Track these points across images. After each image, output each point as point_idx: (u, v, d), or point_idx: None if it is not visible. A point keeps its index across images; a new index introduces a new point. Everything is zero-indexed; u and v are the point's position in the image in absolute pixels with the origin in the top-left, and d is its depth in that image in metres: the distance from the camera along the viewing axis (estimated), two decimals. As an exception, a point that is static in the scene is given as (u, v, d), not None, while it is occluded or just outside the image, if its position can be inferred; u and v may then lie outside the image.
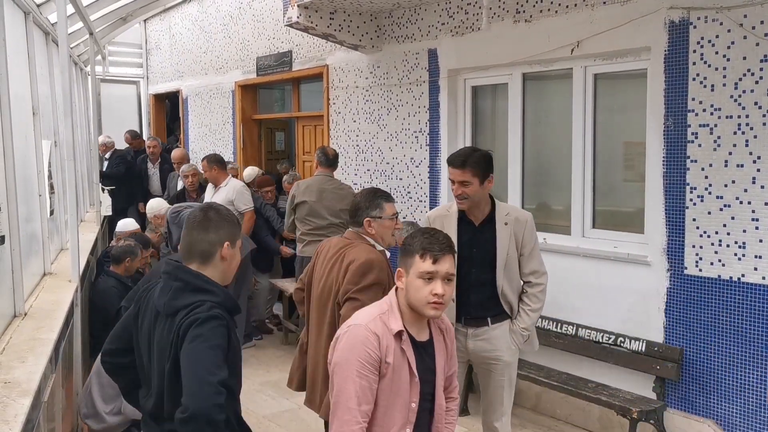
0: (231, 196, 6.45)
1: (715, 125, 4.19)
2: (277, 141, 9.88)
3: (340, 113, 7.34)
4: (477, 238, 3.60)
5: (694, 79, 4.27)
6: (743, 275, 4.11)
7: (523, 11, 5.28)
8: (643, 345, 4.54)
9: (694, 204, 4.32)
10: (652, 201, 4.55)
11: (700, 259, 4.30)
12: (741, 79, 4.06)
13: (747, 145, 4.05)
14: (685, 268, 4.38)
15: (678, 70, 4.35)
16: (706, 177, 4.25)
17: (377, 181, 6.79)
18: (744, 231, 4.09)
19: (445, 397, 2.62)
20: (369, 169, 6.95)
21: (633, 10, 4.54)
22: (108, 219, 8.39)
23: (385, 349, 2.36)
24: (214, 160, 6.61)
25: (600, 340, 4.78)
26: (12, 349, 3.04)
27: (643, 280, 4.59)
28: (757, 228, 4.04)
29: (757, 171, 4.02)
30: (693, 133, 4.30)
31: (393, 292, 2.51)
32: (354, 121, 7.13)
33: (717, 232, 4.22)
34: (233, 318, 2.38)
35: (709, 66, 4.20)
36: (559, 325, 5.06)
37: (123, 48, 11.90)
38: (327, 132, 7.56)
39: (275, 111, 9.66)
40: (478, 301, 3.59)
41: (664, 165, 4.45)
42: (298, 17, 6.12)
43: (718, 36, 4.15)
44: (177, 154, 8.48)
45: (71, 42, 6.77)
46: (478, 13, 5.62)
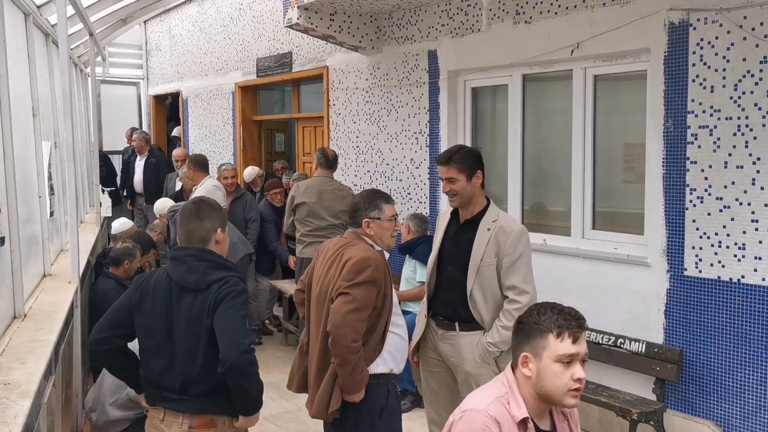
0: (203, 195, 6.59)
1: (715, 126, 4.19)
2: (277, 142, 9.89)
3: (340, 114, 7.35)
4: (459, 236, 3.61)
5: (694, 80, 4.28)
6: (743, 276, 4.11)
7: (523, 12, 5.29)
8: (643, 346, 4.54)
9: (694, 205, 4.32)
10: (652, 202, 4.55)
11: (700, 260, 4.30)
12: (741, 80, 4.06)
13: (747, 147, 4.05)
14: (685, 270, 4.38)
15: (678, 71, 4.35)
16: (706, 178, 4.25)
17: (377, 183, 6.79)
18: (744, 232, 4.09)
19: None
20: (369, 171, 6.96)
21: (633, 12, 4.54)
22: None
23: None
24: (191, 160, 6.86)
25: (600, 342, 4.78)
26: (12, 351, 3.04)
27: (643, 282, 4.58)
28: (756, 229, 4.04)
29: (757, 172, 4.02)
30: (693, 135, 4.30)
31: (510, 373, 2.16)
32: (354, 123, 7.13)
33: (717, 234, 4.22)
34: None
35: (709, 67, 4.20)
36: (558, 326, 5.05)
37: (123, 49, 11.91)
38: (327, 133, 7.57)
39: (275, 112, 9.66)
40: (447, 299, 3.59)
41: (663, 166, 4.45)
42: (298, 18, 6.13)
43: (717, 37, 4.15)
44: (178, 152, 8.50)
45: (71, 43, 6.78)
46: (477, 15, 5.62)
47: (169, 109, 12.33)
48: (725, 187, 4.16)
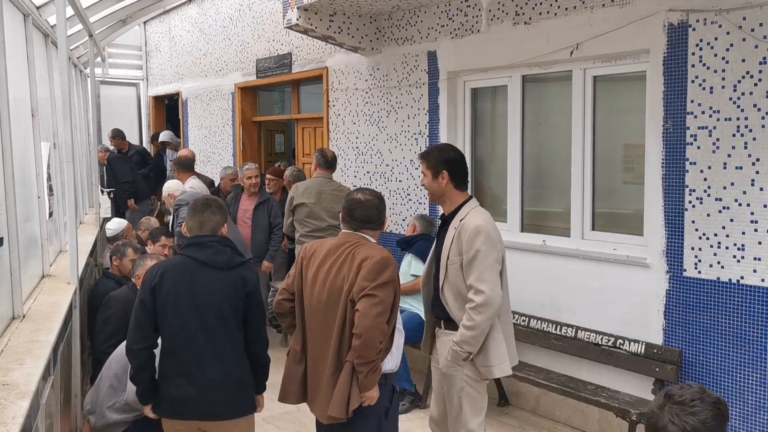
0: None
1: (714, 127, 4.19)
2: (277, 143, 9.89)
3: (339, 115, 7.35)
4: (439, 235, 3.75)
5: (693, 81, 4.28)
6: (742, 277, 4.11)
7: (523, 13, 5.29)
8: (643, 347, 4.54)
9: (693, 206, 4.31)
10: (652, 203, 4.55)
11: (699, 261, 4.30)
12: (740, 81, 4.07)
13: (746, 148, 4.05)
14: (684, 270, 4.37)
15: (677, 72, 4.36)
16: (705, 179, 4.25)
17: (377, 183, 6.79)
18: (743, 233, 4.09)
19: None
20: (369, 171, 6.96)
21: (632, 13, 4.55)
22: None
23: None
24: (175, 163, 7.19)
25: (599, 342, 4.78)
26: (10, 351, 3.04)
27: (643, 282, 4.58)
28: (756, 230, 4.04)
29: (756, 173, 4.02)
30: (692, 136, 4.30)
31: None
32: (353, 123, 7.13)
33: (716, 234, 4.22)
34: None
35: (708, 68, 4.20)
36: (558, 327, 5.06)
37: (123, 50, 11.91)
38: (327, 134, 7.57)
39: (275, 113, 9.66)
40: (437, 298, 3.65)
41: (663, 167, 4.45)
42: (298, 19, 6.13)
43: (717, 38, 4.15)
44: (185, 154, 8.48)
45: (71, 44, 6.78)
46: (477, 16, 5.62)
47: (166, 111, 12.34)
48: (724, 188, 4.16)
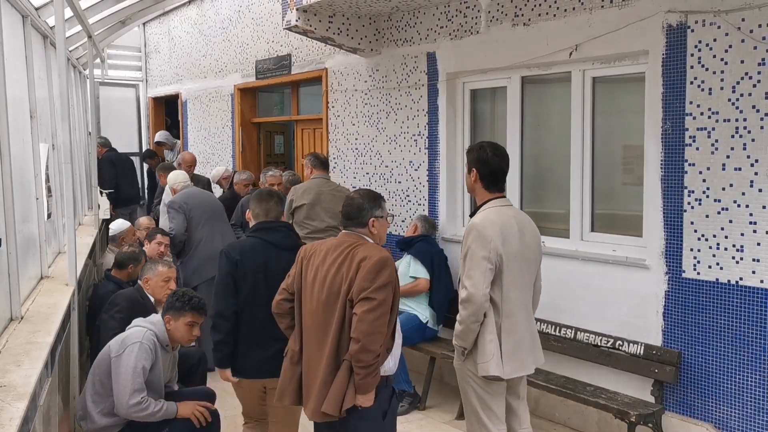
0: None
1: (713, 129, 4.19)
2: (277, 144, 9.89)
3: (339, 116, 7.35)
4: None
5: (692, 82, 4.28)
6: (741, 278, 4.11)
7: (522, 15, 5.29)
8: (642, 348, 4.53)
9: (692, 207, 4.31)
10: (651, 204, 4.55)
11: (698, 262, 4.30)
12: (739, 82, 4.07)
13: (745, 149, 4.05)
14: (683, 272, 4.37)
15: (676, 73, 4.36)
16: (704, 180, 4.25)
17: (376, 185, 6.79)
18: (742, 234, 4.09)
19: None
20: (368, 173, 6.95)
21: (631, 14, 4.55)
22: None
23: None
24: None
25: (598, 344, 4.78)
26: (8, 353, 3.03)
27: (642, 284, 4.58)
28: (754, 231, 4.04)
29: (755, 174, 4.02)
30: (691, 137, 4.30)
31: None
32: (353, 125, 7.13)
33: (715, 236, 4.22)
34: None
35: (707, 69, 4.20)
36: (557, 328, 5.05)
37: (122, 51, 11.91)
38: (326, 135, 7.57)
39: (274, 114, 9.66)
40: None
41: (662, 168, 4.45)
42: (297, 20, 6.13)
43: (715, 39, 4.15)
44: (187, 157, 8.46)
45: (70, 45, 6.78)
46: (476, 17, 5.63)
47: (167, 112, 12.35)
48: (723, 189, 4.16)
